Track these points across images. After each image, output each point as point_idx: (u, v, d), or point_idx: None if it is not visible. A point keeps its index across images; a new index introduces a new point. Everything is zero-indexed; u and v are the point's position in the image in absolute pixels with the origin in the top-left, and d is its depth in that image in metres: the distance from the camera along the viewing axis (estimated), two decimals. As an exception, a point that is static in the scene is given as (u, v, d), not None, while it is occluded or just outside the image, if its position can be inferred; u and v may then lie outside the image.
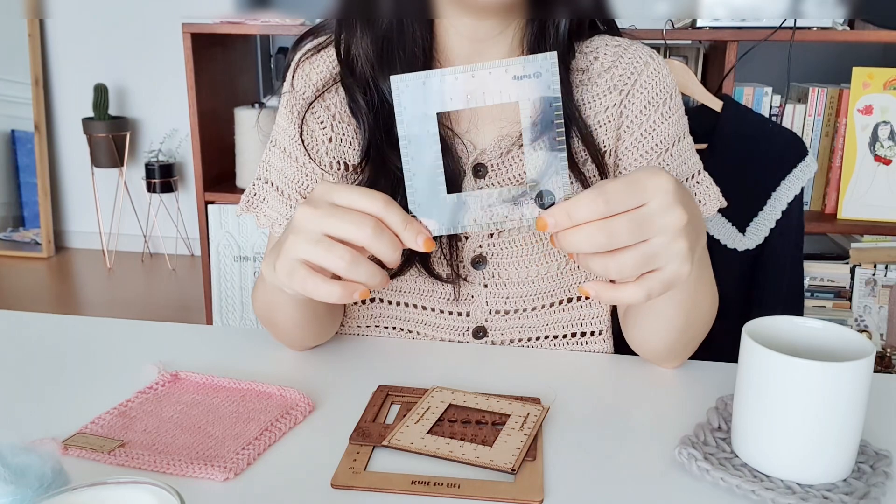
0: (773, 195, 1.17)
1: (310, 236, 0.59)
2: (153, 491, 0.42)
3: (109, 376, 0.74)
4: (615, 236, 0.55)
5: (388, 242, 0.58)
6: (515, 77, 0.56)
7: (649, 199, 0.55)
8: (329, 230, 0.59)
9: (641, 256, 0.55)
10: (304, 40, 0.88)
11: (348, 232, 0.58)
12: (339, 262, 0.58)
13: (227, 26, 2.17)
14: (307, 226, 0.59)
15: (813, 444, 0.55)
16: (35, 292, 3.28)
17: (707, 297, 0.76)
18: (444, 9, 0.79)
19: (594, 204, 0.54)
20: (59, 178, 3.75)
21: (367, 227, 0.57)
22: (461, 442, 0.61)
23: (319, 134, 0.84)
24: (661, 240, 0.55)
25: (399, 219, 0.58)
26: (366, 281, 0.60)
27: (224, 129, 2.35)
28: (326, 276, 0.60)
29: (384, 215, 0.58)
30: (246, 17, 2.15)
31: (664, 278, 0.57)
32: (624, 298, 0.58)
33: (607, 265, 0.56)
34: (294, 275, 0.61)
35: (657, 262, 0.56)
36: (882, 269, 2.04)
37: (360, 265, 0.59)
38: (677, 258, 0.56)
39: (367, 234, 0.57)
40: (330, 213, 0.59)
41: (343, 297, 0.60)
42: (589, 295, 0.58)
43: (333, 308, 0.81)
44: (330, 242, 0.59)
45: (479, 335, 0.85)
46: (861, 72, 1.95)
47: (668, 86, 0.83)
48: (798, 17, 1.81)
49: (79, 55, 3.56)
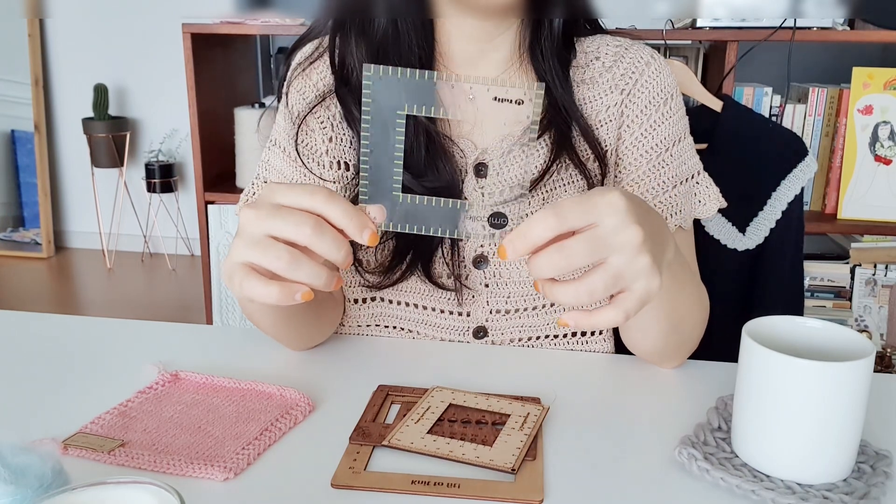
0: (773, 195, 1.17)
1: (251, 239, 0.57)
2: (153, 491, 0.42)
3: (109, 376, 0.74)
4: (572, 255, 0.54)
5: (331, 240, 0.56)
6: (496, 99, 0.55)
7: (602, 217, 0.54)
8: (270, 231, 0.57)
9: (607, 277, 0.55)
10: (297, 49, 0.87)
11: (288, 231, 0.56)
12: (278, 262, 0.57)
13: (227, 26, 2.17)
14: (248, 228, 0.58)
15: (813, 444, 0.55)
16: (35, 292, 3.28)
17: (690, 299, 0.76)
18: (445, 9, 0.79)
19: (546, 220, 0.54)
20: (59, 178, 3.75)
21: (306, 225, 0.56)
22: (461, 442, 0.61)
23: (319, 134, 0.84)
24: (620, 258, 0.55)
25: (341, 213, 0.56)
26: (308, 281, 0.57)
27: (224, 129, 2.35)
28: (269, 278, 0.58)
29: (325, 211, 0.56)
30: (246, 17, 2.15)
31: (636, 296, 0.56)
32: (602, 322, 0.57)
33: (577, 291, 0.55)
34: (233, 278, 0.59)
35: (624, 281, 0.55)
36: (882, 269, 2.04)
37: (300, 265, 0.57)
38: (643, 274, 0.56)
39: (306, 233, 0.56)
40: (271, 213, 0.57)
41: (281, 298, 0.58)
42: (568, 325, 0.57)
43: (317, 310, 0.79)
44: (269, 242, 0.57)
45: (479, 335, 0.85)
46: (861, 72, 1.95)
47: (668, 86, 0.83)
48: (798, 17, 1.81)
49: (79, 55, 3.56)
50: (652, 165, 0.82)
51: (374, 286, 0.83)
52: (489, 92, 0.55)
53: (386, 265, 0.81)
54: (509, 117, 0.81)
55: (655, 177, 0.82)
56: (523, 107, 0.56)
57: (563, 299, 0.56)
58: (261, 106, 2.42)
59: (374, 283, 0.83)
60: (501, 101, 0.55)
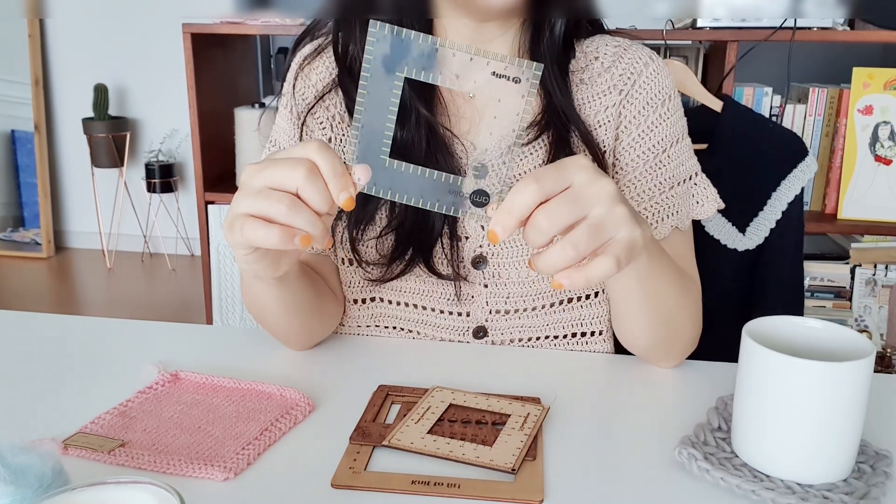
0: (773, 195, 1.17)
1: (251, 190, 0.59)
2: (153, 491, 0.42)
3: (109, 376, 0.74)
4: (554, 213, 0.56)
5: (321, 188, 0.58)
6: (494, 73, 0.56)
7: (573, 176, 0.57)
8: (266, 180, 0.59)
9: (589, 228, 0.56)
10: (302, 42, 0.88)
11: (282, 176, 0.58)
12: (278, 205, 0.58)
13: (227, 26, 2.17)
14: (248, 181, 0.60)
15: (813, 444, 0.55)
16: (35, 292, 3.28)
17: (676, 291, 0.76)
18: (444, 10, 0.79)
19: (527, 187, 0.56)
20: (59, 178, 3.74)
21: (299, 168, 0.57)
22: (461, 442, 0.61)
23: (319, 134, 0.84)
24: (599, 209, 0.57)
25: (330, 166, 0.58)
26: (306, 227, 0.59)
27: (224, 129, 2.35)
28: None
29: (317, 160, 0.58)
30: (246, 17, 2.15)
31: (623, 244, 0.58)
32: (596, 273, 0.58)
33: (563, 248, 0.56)
34: (234, 226, 0.60)
35: (608, 231, 0.57)
36: (882, 270, 2.04)
37: (299, 210, 0.58)
38: (624, 223, 0.58)
39: (299, 176, 0.57)
40: (269, 165, 0.59)
41: (282, 239, 0.59)
42: (563, 286, 0.58)
43: (319, 299, 0.80)
44: (269, 191, 0.59)
45: (479, 335, 0.85)
46: (861, 72, 1.95)
47: (667, 87, 0.83)
48: (798, 17, 1.81)
49: (79, 55, 3.56)
50: (649, 166, 0.82)
51: (375, 280, 0.83)
52: (489, 66, 0.56)
53: (387, 258, 0.81)
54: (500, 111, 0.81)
55: (653, 177, 0.82)
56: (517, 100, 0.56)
57: (552, 260, 0.57)
58: (261, 106, 2.42)
59: (376, 276, 0.83)
60: (500, 76, 0.56)
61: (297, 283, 0.75)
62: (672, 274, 0.75)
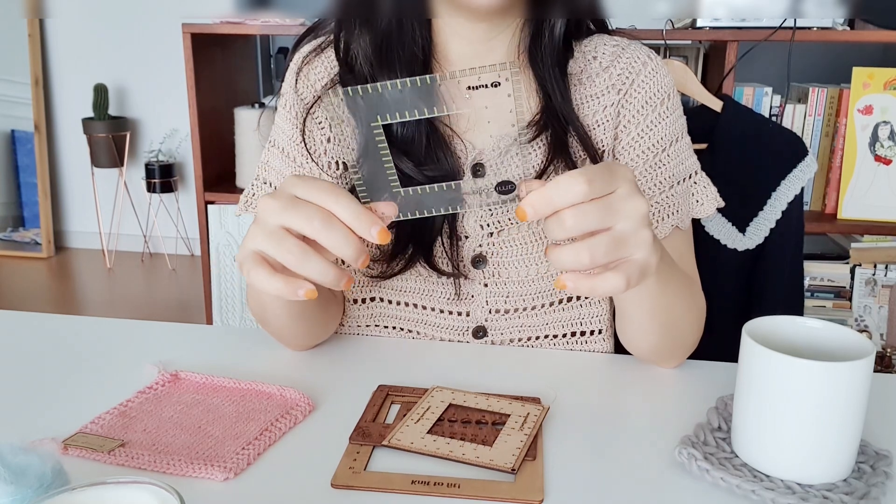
0: (773, 195, 1.17)
1: (266, 228, 0.58)
2: (153, 491, 0.42)
3: (109, 376, 0.74)
4: (583, 217, 0.54)
5: (340, 235, 0.57)
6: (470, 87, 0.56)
7: (618, 185, 0.56)
8: (284, 222, 0.58)
9: (611, 241, 0.55)
10: (304, 40, 0.88)
11: (299, 223, 0.57)
12: (288, 255, 0.57)
13: (227, 26, 2.17)
14: (266, 218, 0.59)
15: (813, 444, 0.55)
16: (35, 292, 3.28)
17: (683, 300, 0.76)
18: (440, 9, 0.79)
19: (577, 184, 0.54)
20: (58, 178, 3.75)
21: (315, 218, 0.56)
22: (461, 442, 0.61)
23: (318, 135, 0.84)
24: (627, 226, 0.56)
25: (349, 212, 0.56)
26: (315, 276, 0.58)
27: (224, 129, 2.35)
28: (277, 269, 0.59)
29: (334, 208, 0.57)
30: (246, 17, 2.15)
31: (638, 266, 0.57)
32: (603, 287, 0.57)
33: (578, 251, 0.55)
34: (244, 265, 0.60)
35: (626, 249, 0.56)
36: (882, 269, 2.04)
37: (309, 260, 0.57)
38: (646, 246, 0.57)
39: (315, 227, 0.56)
40: (288, 205, 0.58)
41: (285, 292, 0.58)
42: (566, 286, 0.57)
43: (326, 307, 0.80)
44: (283, 234, 0.58)
45: (479, 335, 0.85)
46: (861, 72, 1.95)
47: (665, 86, 0.83)
48: (798, 17, 1.81)
49: (79, 55, 3.56)
50: (649, 165, 0.82)
51: (376, 277, 0.83)
52: (460, 84, 0.56)
53: (388, 254, 0.81)
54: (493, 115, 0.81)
55: (652, 177, 0.82)
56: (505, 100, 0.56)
57: (564, 258, 0.56)
58: (261, 106, 2.42)
59: (377, 273, 0.83)
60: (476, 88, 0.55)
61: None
62: (679, 286, 0.75)
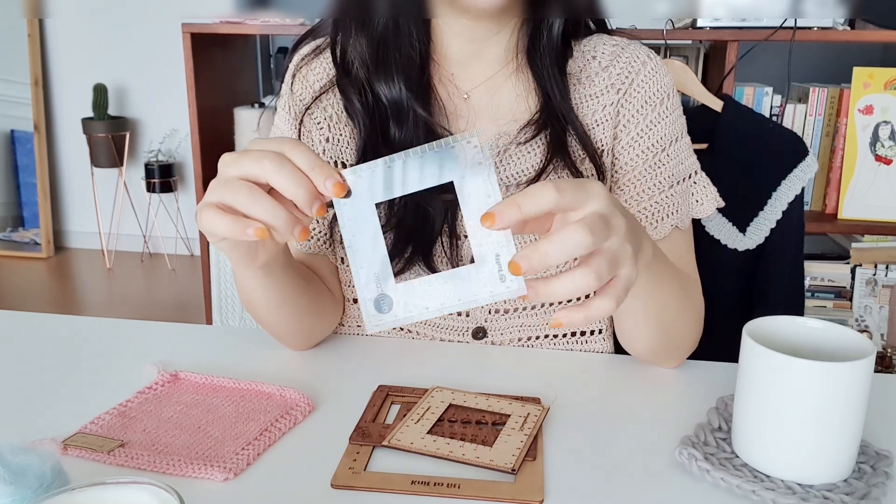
0: (773, 195, 1.17)
1: (221, 178, 0.58)
2: (153, 491, 0.42)
3: (109, 376, 0.74)
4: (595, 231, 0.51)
5: (290, 175, 0.56)
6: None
7: (594, 201, 0.53)
8: (236, 171, 0.58)
9: (608, 259, 0.53)
10: (303, 42, 0.88)
11: (250, 167, 0.57)
12: (237, 195, 0.57)
13: (227, 26, 2.17)
14: (221, 171, 0.59)
15: (813, 444, 0.55)
16: (35, 292, 3.28)
17: (678, 300, 0.76)
18: (439, 9, 0.79)
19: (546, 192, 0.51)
20: (58, 178, 3.74)
21: (266, 159, 0.56)
22: (461, 442, 0.61)
23: (317, 135, 0.84)
24: (614, 242, 0.54)
25: (305, 158, 0.56)
26: (264, 217, 0.57)
27: (224, 129, 2.35)
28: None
29: (290, 154, 0.56)
30: (246, 17, 2.16)
31: (622, 283, 0.55)
32: (596, 314, 0.55)
33: (586, 276, 0.52)
34: (199, 214, 0.60)
35: (618, 265, 0.54)
36: (882, 269, 2.04)
37: (258, 200, 0.57)
38: (629, 260, 0.55)
39: (265, 167, 0.56)
40: (244, 154, 0.58)
41: (232, 229, 0.58)
42: (562, 325, 0.55)
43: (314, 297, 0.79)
44: (233, 180, 0.57)
45: (478, 335, 0.85)
46: (861, 72, 1.95)
47: (665, 85, 0.83)
48: (798, 17, 1.81)
49: (78, 55, 3.56)
50: (648, 165, 0.82)
51: None
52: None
53: None
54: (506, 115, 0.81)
55: (652, 176, 0.82)
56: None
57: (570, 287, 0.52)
58: (260, 106, 2.42)
59: None
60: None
61: (283, 276, 0.73)
62: (674, 286, 0.74)
